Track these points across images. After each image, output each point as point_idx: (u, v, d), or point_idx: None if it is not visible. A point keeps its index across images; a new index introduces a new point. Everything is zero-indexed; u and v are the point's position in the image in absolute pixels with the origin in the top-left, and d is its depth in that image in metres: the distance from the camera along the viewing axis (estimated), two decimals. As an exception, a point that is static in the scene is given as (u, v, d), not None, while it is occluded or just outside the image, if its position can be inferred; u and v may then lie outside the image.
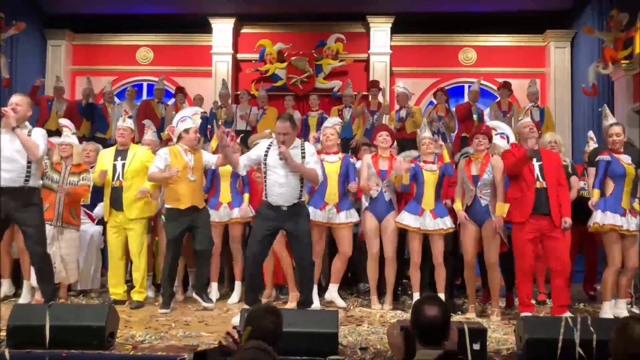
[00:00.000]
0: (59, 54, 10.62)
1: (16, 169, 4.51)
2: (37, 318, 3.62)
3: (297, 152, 4.59)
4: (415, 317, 2.48)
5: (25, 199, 4.57)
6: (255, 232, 4.69)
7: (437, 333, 2.44)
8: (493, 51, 10.49)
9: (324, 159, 5.31)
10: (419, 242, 5.19)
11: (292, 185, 4.56)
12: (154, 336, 4.12)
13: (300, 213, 4.64)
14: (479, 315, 5.09)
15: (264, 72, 10.47)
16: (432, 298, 2.67)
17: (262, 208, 4.72)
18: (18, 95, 4.71)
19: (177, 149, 5.25)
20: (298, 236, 4.60)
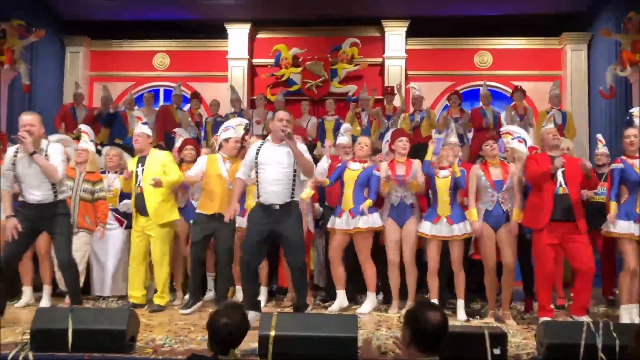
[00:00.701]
0: (77, 61, 10.73)
1: (44, 189, 4.58)
2: (60, 322, 3.66)
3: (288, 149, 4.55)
4: (417, 324, 2.43)
5: (53, 210, 4.64)
6: (248, 238, 4.61)
7: (439, 339, 2.42)
8: (509, 54, 10.44)
9: (348, 165, 5.37)
10: (436, 249, 5.17)
11: (285, 182, 4.50)
12: (173, 340, 4.16)
13: (293, 214, 4.56)
14: (497, 320, 5.06)
15: (279, 77, 10.51)
16: (431, 304, 2.66)
17: (253, 211, 4.68)
18: (29, 114, 4.64)
19: (215, 157, 5.41)
20: (289, 239, 4.53)
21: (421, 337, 2.42)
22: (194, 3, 9.96)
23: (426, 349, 2.42)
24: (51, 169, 4.52)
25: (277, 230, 4.54)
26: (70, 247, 4.79)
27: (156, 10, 10.20)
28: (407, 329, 2.48)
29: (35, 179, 4.55)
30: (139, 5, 10.04)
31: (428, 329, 2.41)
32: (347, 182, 5.36)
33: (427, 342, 2.42)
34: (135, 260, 5.45)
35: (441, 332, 2.43)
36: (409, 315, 2.51)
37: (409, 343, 2.47)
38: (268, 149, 4.59)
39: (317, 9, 10.01)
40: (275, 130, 4.60)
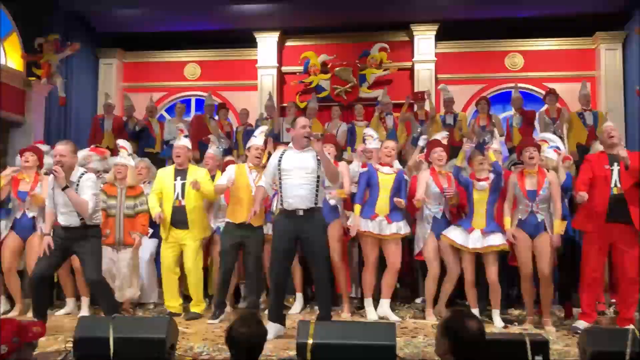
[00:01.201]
0: (110, 72, 10.95)
1: (73, 216, 4.65)
2: (101, 330, 3.70)
3: (313, 153, 4.54)
4: (454, 334, 2.36)
5: (83, 232, 4.69)
6: (275, 249, 4.58)
7: (477, 348, 2.35)
8: (541, 55, 10.28)
9: (379, 170, 5.33)
10: (470, 260, 5.11)
11: (309, 188, 4.48)
12: (211, 348, 4.20)
13: (317, 221, 4.53)
14: (536, 326, 4.98)
15: (307, 83, 10.55)
16: (467, 313, 2.56)
17: (277, 220, 4.66)
18: (62, 144, 4.67)
19: (243, 167, 5.46)
20: (313, 248, 4.49)
21: (459, 347, 2.35)
22: (224, 13, 10.09)
23: (464, 358, 2.35)
24: (82, 205, 4.55)
25: (301, 238, 4.51)
26: (98, 268, 4.78)
27: (187, 22, 10.35)
28: (443, 338, 2.40)
29: (64, 206, 4.63)
30: (170, 17, 10.19)
31: (466, 338, 2.34)
32: (383, 187, 5.28)
33: (465, 351, 2.35)
34: (168, 270, 5.51)
35: (479, 340, 2.36)
36: (445, 324, 2.42)
37: (445, 353, 2.39)
38: (291, 156, 4.59)
39: (346, 15, 10.02)
40: (298, 138, 4.58)
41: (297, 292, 5.79)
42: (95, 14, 10.28)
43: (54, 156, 4.64)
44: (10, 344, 2.41)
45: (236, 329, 2.71)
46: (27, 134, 8.81)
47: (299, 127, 4.58)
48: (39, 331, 2.54)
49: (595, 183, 4.70)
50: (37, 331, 2.53)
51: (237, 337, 2.68)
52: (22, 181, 5.61)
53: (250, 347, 2.71)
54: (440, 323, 2.49)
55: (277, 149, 5.84)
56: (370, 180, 5.34)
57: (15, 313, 5.63)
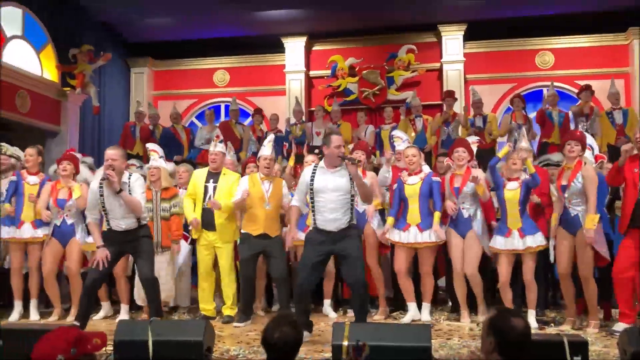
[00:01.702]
0: (141, 81, 11.17)
1: (129, 219, 4.77)
2: (140, 333, 3.77)
3: (345, 172, 4.44)
4: (500, 332, 2.37)
5: (136, 233, 4.82)
6: (305, 259, 4.47)
7: (523, 346, 2.36)
8: (571, 53, 10.15)
9: (405, 182, 5.30)
10: (506, 263, 5.04)
11: (343, 210, 4.38)
12: (247, 350, 4.24)
13: (351, 234, 4.44)
14: (575, 328, 4.90)
15: (335, 87, 10.58)
16: (513, 311, 2.58)
17: (311, 234, 4.54)
18: (113, 149, 4.80)
19: (256, 177, 5.46)
20: (349, 258, 4.38)
21: (505, 345, 2.36)
22: (251, 19, 10.21)
23: (510, 356, 2.36)
24: (137, 205, 4.70)
25: (336, 250, 4.44)
26: (152, 266, 4.91)
27: (215, 29, 10.50)
28: (489, 337, 2.40)
29: (120, 212, 4.74)
30: (198, 24, 10.36)
31: (512, 336, 2.35)
32: (411, 198, 5.25)
33: (512, 350, 2.35)
34: (203, 274, 5.57)
35: (525, 339, 2.37)
36: (492, 323, 2.43)
37: (491, 352, 2.40)
38: (323, 176, 4.44)
39: (373, 18, 10.05)
40: (332, 157, 4.42)
41: (325, 299, 5.78)
42: (126, 24, 10.49)
43: (105, 160, 4.74)
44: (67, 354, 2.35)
45: (271, 332, 2.73)
46: (62, 143, 9.04)
47: (333, 147, 4.40)
48: (99, 343, 2.45)
49: (625, 185, 4.61)
50: (97, 343, 2.44)
51: (272, 339, 2.69)
52: (61, 189, 5.77)
53: (286, 349, 2.72)
54: (485, 321, 2.50)
55: (307, 158, 5.88)
56: (400, 193, 5.33)
57: (55, 317, 5.75)
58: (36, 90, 8.76)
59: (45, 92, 8.97)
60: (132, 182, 4.78)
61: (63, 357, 2.29)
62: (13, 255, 5.86)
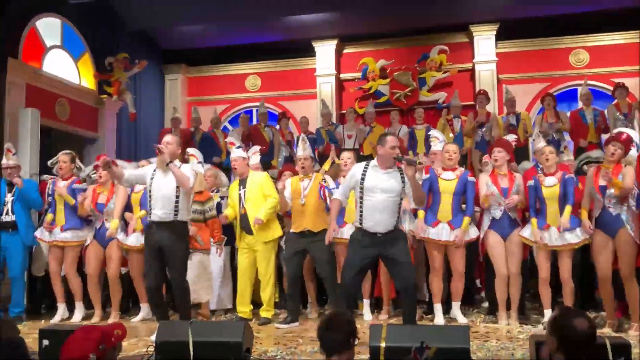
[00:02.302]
0: (175, 87, 11.36)
1: (168, 206, 4.85)
2: (181, 334, 3.86)
3: (397, 174, 4.42)
4: (565, 332, 2.37)
5: (173, 230, 4.88)
6: (350, 260, 4.44)
7: (588, 346, 2.36)
8: (607, 50, 9.94)
9: (440, 176, 5.26)
10: (545, 258, 5.00)
11: (391, 211, 4.34)
12: (284, 352, 4.28)
13: (399, 237, 4.41)
14: (616, 330, 4.81)
15: (366, 89, 10.58)
16: (576, 311, 2.58)
17: (356, 235, 4.50)
18: (169, 135, 5.07)
19: (297, 178, 5.63)
20: (398, 263, 4.34)
21: (569, 345, 2.38)
22: (282, 24, 10.29)
23: (574, 356, 2.37)
24: (185, 178, 4.82)
25: (384, 254, 4.41)
26: (184, 269, 4.97)
27: (246, 35, 10.62)
28: (553, 337, 2.43)
29: (162, 200, 4.85)
30: (230, 31, 10.51)
31: (576, 336, 2.37)
32: (444, 194, 5.21)
33: (575, 350, 2.37)
34: (243, 276, 5.64)
35: (589, 339, 2.39)
36: (555, 323, 2.46)
37: (555, 351, 2.42)
38: (375, 175, 4.40)
39: (403, 20, 10.02)
40: (386, 157, 4.37)
41: (364, 299, 5.78)
42: (160, 32, 10.71)
43: (162, 143, 4.91)
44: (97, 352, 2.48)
45: (323, 333, 2.77)
46: (100, 149, 9.25)
47: (388, 147, 4.35)
48: (120, 334, 2.60)
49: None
50: (119, 334, 2.60)
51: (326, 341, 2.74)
52: (101, 194, 5.92)
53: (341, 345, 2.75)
54: (549, 321, 2.54)
55: (342, 155, 5.92)
56: (432, 186, 5.25)
57: (96, 319, 5.89)
58: (75, 98, 9.01)
59: (83, 100, 9.21)
60: (183, 166, 4.95)
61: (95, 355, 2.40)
62: (49, 259, 6.04)
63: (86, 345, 2.50)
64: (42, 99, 8.23)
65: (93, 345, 2.49)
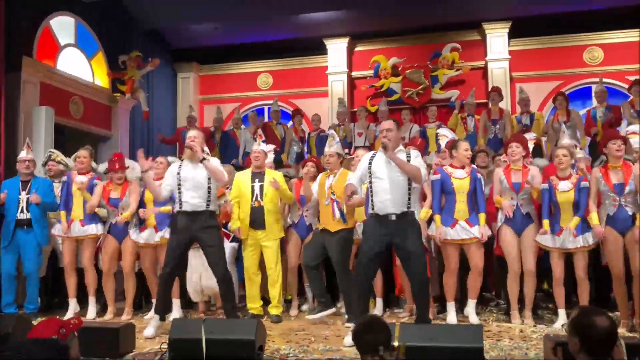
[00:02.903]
0: (188, 85, 11.41)
1: (201, 195, 4.93)
2: (194, 332, 3.87)
3: (403, 156, 4.48)
4: (586, 331, 2.37)
5: (206, 221, 4.94)
6: (364, 253, 4.48)
7: (610, 344, 2.36)
8: (621, 48, 9.84)
9: (452, 175, 5.22)
10: (559, 260, 4.99)
11: (399, 191, 4.39)
12: (297, 349, 4.29)
13: (411, 227, 4.42)
14: (630, 330, 4.78)
15: (378, 87, 10.57)
16: (596, 310, 2.56)
17: (368, 223, 4.57)
18: (194, 130, 5.13)
19: (324, 175, 5.59)
20: (409, 253, 4.36)
21: (591, 344, 2.37)
22: (294, 22, 10.30)
23: (597, 355, 2.37)
24: (220, 172, 4.95)
25: (396, 243, 4.43)
26: (224, 260, 5.03)
27: (257, 33, 10.65)
28: (575, 337, 2.41)
29: (193, 190, 4.91)
30: (241, 29, 10.53)
31: (597, 335, 2.36)
32: (459, 193, 5.16)
33: (598, 348, 2.36)
34: (250, 272, 5.64)
35: (611, 337, 2.38)
36: (576, 323, 2.44)
37: (578, 352, 2.41)
38: (381, 159, 4.54)
39: (415, 17, 10.00)
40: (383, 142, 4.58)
41: (377, 297, 5.78)
42: (172, 31, 10.75)
43: (187, 139, 5.00)
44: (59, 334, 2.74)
45: (362, 335, 2.80)
46: (113, 147, 9.32)
47: (381, 130, 4.63)
48: (76, 322, 2.86)
49: None
50: (75, 323, 2.86)
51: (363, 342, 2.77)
52: (112, 190, 5.95)
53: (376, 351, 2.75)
54: (569, 321, 2.53)
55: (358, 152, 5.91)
56: (444, 187, 5.20)
57: (110, 316, 5.91)
58: (88, 96, 9.07)
59: (97, 98, 9.28)
60: (212, 160, 5.03)
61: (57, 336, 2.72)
62: (64, 253, 6.05)
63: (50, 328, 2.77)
64: (56, 97, 8.29)
65: (56, 328, 2.77)
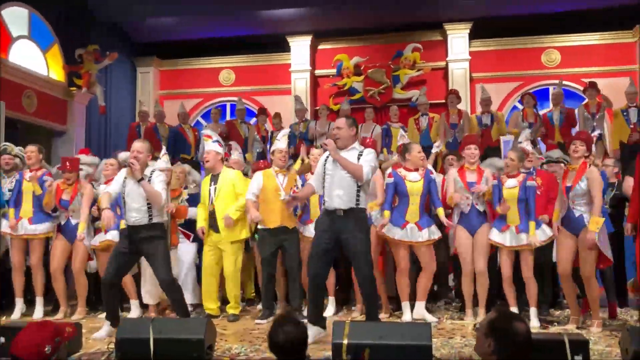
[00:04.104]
0: (147, 80, 11.19)
1: (141, 211, 4.77)
2: (142, 331, 3.80)
3: (354, 154, 4.48)
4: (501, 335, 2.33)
5: (148, 231, 4.79)
6: (314, 248, 4.51)
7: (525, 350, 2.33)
8: (578, 51, 10.06)
9: (406, 177, 5.25)
10: (507, 257, 5.06)
11: (347, 187, 4.39)
12: (249, 349, 4.25)
13: (358, 224, 4.42)
14: (579, 327, 4.88)
15: (341, 86, 10.55)
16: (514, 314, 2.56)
17: (319, 219, 4.63)
18: (139, 142, 4.92)
19: (271, 172, 5.54)
20: (354, 249, 4.39)
21: (505, 349, 2.33)
22: (256, 18, 10.21)
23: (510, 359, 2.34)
24: (156, 195, 4.73)
25: (342, 239, 4.43)
26: (168, 268, 4.85)
27: (220, 28, 10.51)
28: (488, 339, 2.36)
29: (137, 202, 4.77)
30: (203, 24, 10.37)
31: (513, 340, 2.32)
32: (412, 196, 5.20)
33: (511, 354, 2.32)
34: (207, 273, 5.59)
35: (526, 343, 2.34)
36: (492, 325, 2.38)
37: (489, 354, 2.36)
38: None
39: (378, 17, 10.03)
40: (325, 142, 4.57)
41: (329, 296, 5.77)
42: (132, 24, 10.53)
43: (131, 152, 4.83)
44: (53, 343, 2.53)
45: (275, 334, 2.74)
46: (69, 142, 9.10)
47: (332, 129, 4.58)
48: (71, 331, 2.70)
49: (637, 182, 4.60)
50: (70, 331, 2.69)
51: (278, 341, 2.72)
52: (65, 191, 5.81)
53: (293, 349, 2.73)
54: (486, 322, 2.44)
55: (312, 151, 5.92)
56: (398, 189, 5.24)
57: (60, 315, 5.79)
58: (43, 90, 8.82)
59: (51, 92, 9.02)
60: (154, 177, 4.82)
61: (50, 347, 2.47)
62: (13, 252, 5.90)
63: (41, 338, 2.53)
64: (8, 90, 8.02)
65: (49, 337, 2.52)
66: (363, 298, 4.63)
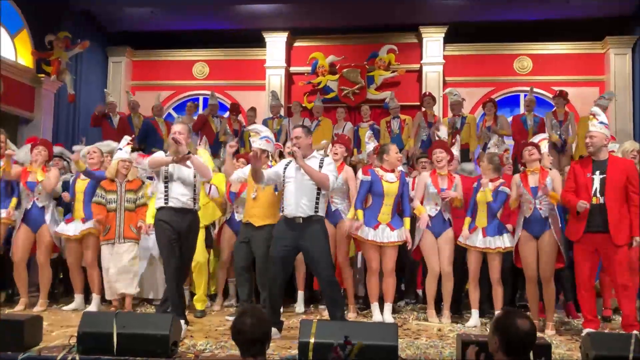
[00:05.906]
0: (119, 70, 11.00)
1: (188, 193, 4.68)
2: (105, 326, 3.74)
3: (316, 162, 4.51)
4: (506, 332, 2.51)
5: (192, 221, 4.73)
6: (273, 254, 4.52)
7: (528, 346, 2.52)
8: (549, 59, 10.26)
9: (383, 178, 5.24)
10: (474, 259, 5.12)
11: (308, 195, 4.43)
12: (214, 345, 4.21)
13: (317, 230, 4.44)
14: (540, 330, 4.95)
15: (315, 84, 10.54)
16: (520, 312, 2.73)
17: (277, 226, 4.62)
18: (179, 124, 4.80)
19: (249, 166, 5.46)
20: (314, 257, 4.42)
21: (509, 345, 2.51)
22: (233, 13, 10.13)
23: (515, 356, 2.51)
24: (205, 168, 4.71)
25: (301, 246, 4.45)
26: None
27: (195, 21, 10.40)
28: (496, 336, 2.56)
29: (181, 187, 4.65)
30: (178, 15, 10.25)
31: (517, 336, 2.50)
32: (387, 196, 5.20)
33: (516, 350, 2.51)
34: None
35: (530, 339, 2.53)
36: (498, 322, 2.59)
37: (496, 350, 2.55)
38: (294, 163, 4.55)
39: (355, 16, 10.05)
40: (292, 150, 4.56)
41: (299, 290, 5.76)
42: (105, 13, 10.33)
43: (172, 133, 4.66)
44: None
45: (238, 323, 2.78)
46: (36, 130, 8.89)
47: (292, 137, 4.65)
48: None
49: (578, 191, 4.68)
50: None
51: (239, 330, 2.75)
52: (32, 173, 5.69)
53: (255, 340, 2.74)
54: (492, 321, 2.67)
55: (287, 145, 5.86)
56: (374, 188, 5.23)
57: (21, 307, 5.65)
58: (9, 75, 8.59)
59: (19, 78, 8.81)
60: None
61: None
62: None
63: None
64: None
65: None
66: (326, 301, 4.64)
